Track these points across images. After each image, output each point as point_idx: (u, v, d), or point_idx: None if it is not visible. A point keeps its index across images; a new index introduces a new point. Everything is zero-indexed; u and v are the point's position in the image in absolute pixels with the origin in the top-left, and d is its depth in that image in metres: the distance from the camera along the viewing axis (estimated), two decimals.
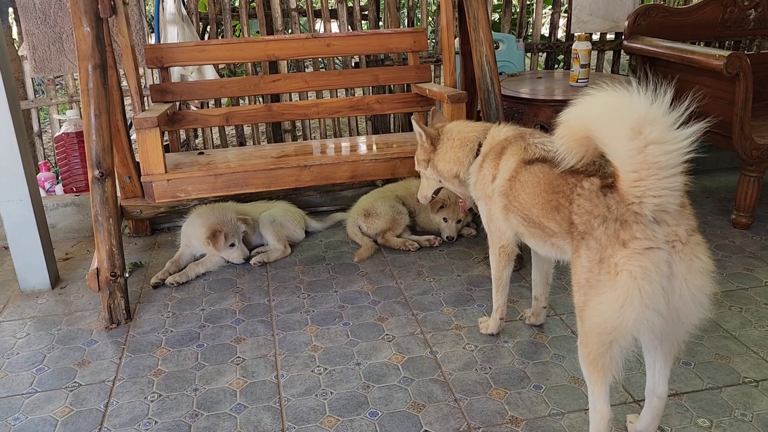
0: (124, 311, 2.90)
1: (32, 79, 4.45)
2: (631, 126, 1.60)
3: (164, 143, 3.10)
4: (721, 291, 2.97)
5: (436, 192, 2.85)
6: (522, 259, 3.22)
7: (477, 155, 2.50)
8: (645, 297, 1.66)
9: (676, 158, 1.61)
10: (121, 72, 3.64)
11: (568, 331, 2.71)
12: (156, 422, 2.24)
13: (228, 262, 3.44)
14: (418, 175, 3.64)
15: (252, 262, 3.46)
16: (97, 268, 2.88)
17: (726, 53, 3.28)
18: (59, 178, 4.18)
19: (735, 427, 2.11)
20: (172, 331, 2.83)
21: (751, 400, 2.24)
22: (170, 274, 3.30)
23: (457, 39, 3.76)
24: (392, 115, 4.96)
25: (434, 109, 2.92)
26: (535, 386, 2.36)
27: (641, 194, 1.67)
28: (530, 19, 5.72)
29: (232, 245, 3.38)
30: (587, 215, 1.83)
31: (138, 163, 3.35)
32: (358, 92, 4.74)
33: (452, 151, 2.58)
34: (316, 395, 2.35)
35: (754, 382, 2.34)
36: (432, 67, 4.57)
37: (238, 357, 2.61)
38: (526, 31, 5.82)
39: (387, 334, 2.74)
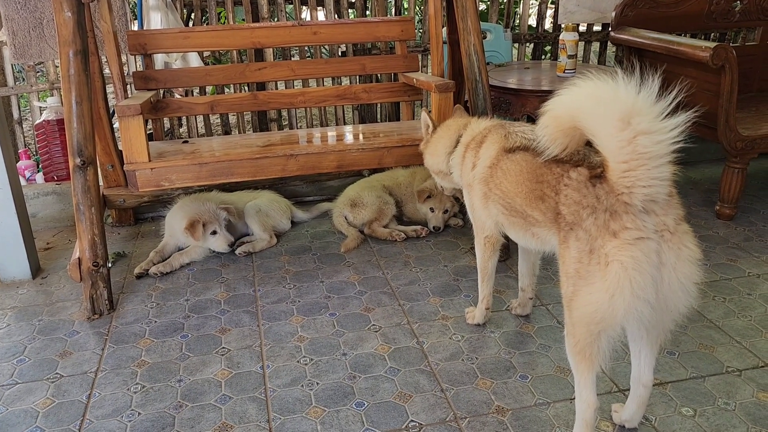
0: (106, 302, 2.86)
1: (12, 65, 4.37)
2: (620, 117, 1.60)
3: (148, 132, 3.05)
4: (704, 281, 2.99)
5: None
6: (509, 249, 3.22)
7: (456, 147, 2.56)
8: (635, 287, 1.66)
9: (665, 148, 1.60)
10: (103, 59, 3.58)
11: (554, 321, 2.71)
12: (139, 413, 2.21)
13: (213, 252, 3.41)
14: (404, 165, 3.64)
15: (237, 251, 3.43)
16: (78, 258, 2.83)
17: (712, 45, 3.28)
18: (40, 166, 4.11)
19: (718, 416, 2.13)
20: (156, 321, 2.80)
21: (734, 389, 2.26)
22: (154, 264, 3.26)
23: (445, 28, 3.74)
24: (379, 105, 4.93)
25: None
26: (521, 376, 2.37)
27: (631, 184, 1.66)
28: (518, 10, 5.71)
29: (214, 233, 3.34)
30: (576, 206, 1.82)
31: (121, 151, 3.31)
32: (345, 81, 4.70)
33: (433, 145, 2.66)
34: (302, 386, 2.34)
35: (737, 371, 2.36)
36: (419, 56, 4.54)
37: (223, 348, 2.59)
38: (514, 21, 5.80)
39: (373, 325, 2.73)
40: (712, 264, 3.17)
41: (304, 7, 4.74)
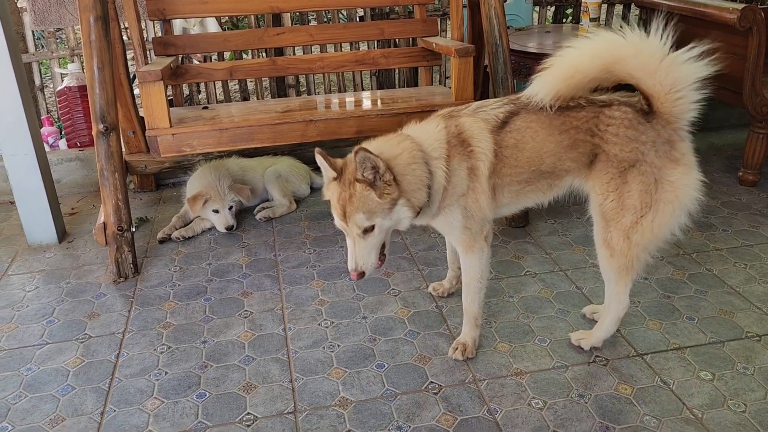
0: (131, 265, 2.92)
1: (32, 31, 4.38)
2: (660, 52, 1.89)
3: (168, 98, 3.07)
4: (726, 247, 2.98)
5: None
6: (527, 215, 3.23)
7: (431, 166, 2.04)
8: (692, 206, 2.01)
9: (700, 72, 1.90)
10: (122, 25, 3.58)
11: (572, 286, 2.72)
12: (166, 373, 2.28)
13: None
14: None
15: (258, 217, 3.47)
16: (103, 223, 2.88)
17: (740, 6, 3.21)
18: (62, 132, 4.15)
19: (736, 380, 2.14)
20: (179, 285, 2.86)
21: (753, 354, 2.27)
22: (176, 229, 3.31)
23: None
24: (397, 71, 4.89)
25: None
26: (539, 340, 2.39)
27: (680, 112, 1.93)
28: None
29: (216, 211, 3.33)
30: (633, 143, 1.98)
31: (142, 118, 3.33)
32: (363, 47, 4.66)
33: (405, 182, 1.96)
34: (323, 348, 2.39)
35: (756, 336, 2.37)
36: (438, 20, 4.48)
37: (246, 310, 2.64)
38: None
39: (393, 289, 2.76)
40: (734, 230, 3.15)
41: None
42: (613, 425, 1.97)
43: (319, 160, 1.96)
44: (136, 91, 3.57)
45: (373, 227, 1.95)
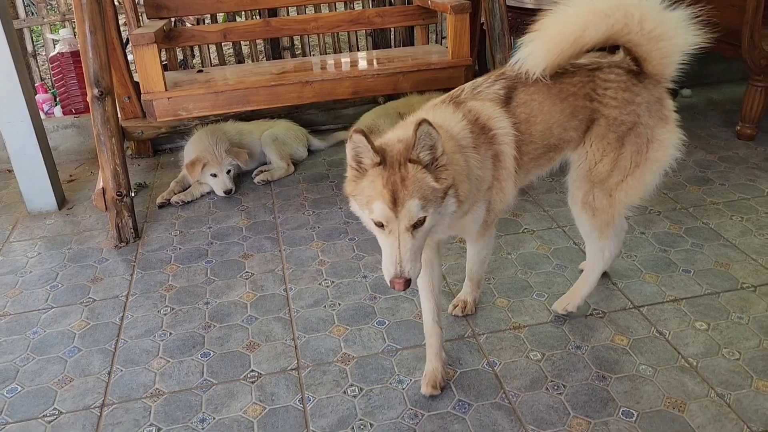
0: (132, 230, 2.94)
1: None
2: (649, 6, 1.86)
3: (162, 63, 3.04)
4: (722, 201, 3.00)
5: None
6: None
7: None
8: (672, 164, 2.02)
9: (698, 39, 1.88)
10: None
11: (570, 242, 2.75)
12: (170, 333, 2.32)
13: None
14: (420, 91, 3.61)
15: (256, 180, 3.47)
16: (102, 188, 2.89)
17: None
18: (57, 99, 4.13)
19: (731, 329, 2.18)
20: (180, 248, 2.88)
21: (748, 304, 2.30)
22: (175, 194, 3.32)
23: None
24: (392, 31, 4.83)
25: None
26: (537, 295, 2.43)
27: (667, 66, 1.93)
28: None
29: (215, 175, 3.33)
30: (632, 105, 1.95)
31: (137, 83, 3.31)
32: (357, 6, 4.60)
33: (457, 164, 1.73)
34: (325, 306, 2.42)
35: (752, 287, 2.40)
36: None
37: (247, 272, 2.67)
38: None
39: None
40: (731, 184, 3.16)
41: None
42: (609, 374, 2.01)
43: (359, 142, 1.59)
44: (130, 57, 3.54)
45: (424, 220, 1.62)
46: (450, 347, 2.17)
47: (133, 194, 3.00)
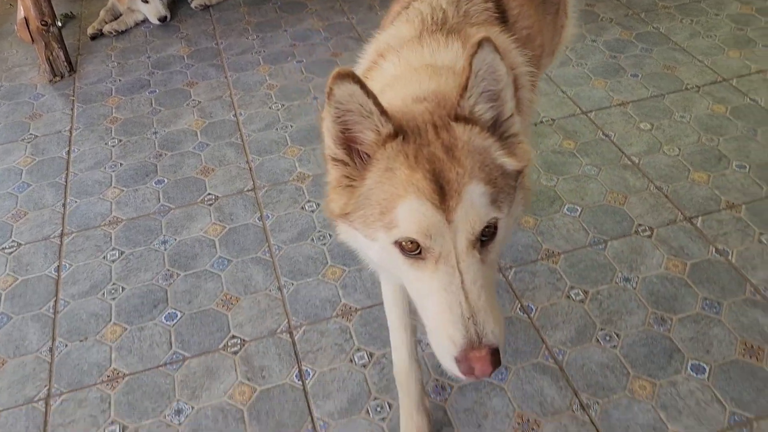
0: (65, 63, 2.77)
1: None
2: None
3: None
4: (674, 5, 2.95)
5: None
6: None
7: None
8: None
9: None
10: None
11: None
12: (121, 164, 2.28)
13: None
14: None
15: (193, 5, 3.25)
16: (24, 17, 2.67)
17: None
18: None
19: (673, 128, 2.26)
20: (120, 80, 2.75)
21: (691, 104, 2.36)
22: (106, 23, 3.10)
23: None
24: None
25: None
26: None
27: None
28: None
29: (146, 1, 3.08)
30: None
31: None
32: None
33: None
34: (277, 129, 2.39)
35: (695, 87, 2.45)
36: None
37: (193, 100, 2.59)
38: None
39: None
40: None
41: None
42: (555, 176, 2.09)
43: (348, 98, 0.97)
44: None
45: (495, 227, 0.96)
46: None
47: (59, 24, 2.79)
